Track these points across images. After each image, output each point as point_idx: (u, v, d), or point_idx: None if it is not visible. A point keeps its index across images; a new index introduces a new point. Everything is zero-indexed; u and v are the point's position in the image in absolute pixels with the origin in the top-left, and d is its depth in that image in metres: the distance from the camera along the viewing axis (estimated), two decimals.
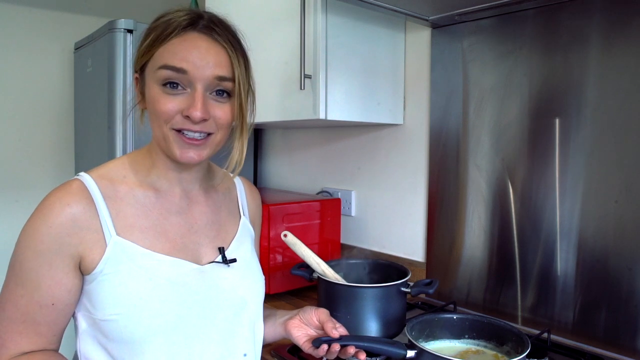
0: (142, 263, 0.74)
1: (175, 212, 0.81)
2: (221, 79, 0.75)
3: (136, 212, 0.77)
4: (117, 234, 0.74)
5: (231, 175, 0.86)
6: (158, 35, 0.74)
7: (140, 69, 0.78)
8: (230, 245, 0.87)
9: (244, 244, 0.90)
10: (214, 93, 0.75)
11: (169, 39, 0.73)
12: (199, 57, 0.73)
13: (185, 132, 0.74)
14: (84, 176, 0.76)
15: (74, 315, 0.78)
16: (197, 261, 0.81)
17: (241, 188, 0.97)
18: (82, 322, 0.76)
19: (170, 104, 0.73)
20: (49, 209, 0.72)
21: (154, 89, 0.74)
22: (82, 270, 0.74)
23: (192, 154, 0.75)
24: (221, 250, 0.84)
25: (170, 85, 0.73)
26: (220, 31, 0.76)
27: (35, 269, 0.71)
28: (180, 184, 0.83)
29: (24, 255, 0.72)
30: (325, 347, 0.85)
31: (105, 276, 0.73)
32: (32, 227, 0.72)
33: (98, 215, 0.73)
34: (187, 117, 0.73)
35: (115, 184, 0.77)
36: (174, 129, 0.74)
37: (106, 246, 0.73)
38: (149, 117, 0.78)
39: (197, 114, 0.72)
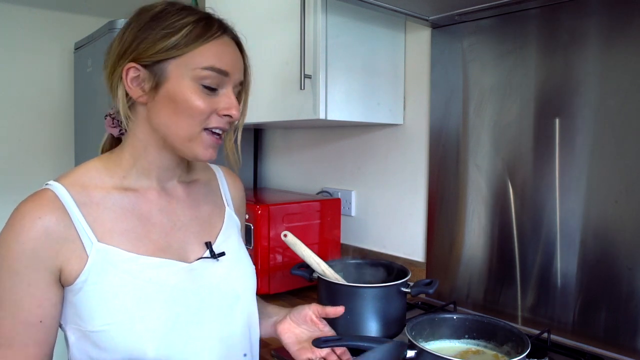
0: (127, 268, 0.72)
1: (156, 211, 0.80)
2: (241, 83, 0.80)
3: (114, 216, 0.75)
4: (99, 240, 0.72)
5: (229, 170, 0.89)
6: (198, 33, 0.73)
7: (154, 61, 0.73)
8: (217, 238, 0.85)
9: (231, 236, 0.88)
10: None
11: (211, 39, 0.74)
12: (234, 62, 0.77)
13: (216, 130, 0.77)
14: (54, 185, 0.73)
15: (62, 329, 0.75)
16: (184, 259, 0.79)
17: (222, 178, 0.95)
18: (71, 336, 0.73)
19: (207, 103, 0.74)
20: (19, 225, 0.68)
21: (190, 87, 0.73)
22: (62, 282, 0.72)
23: (212, 152, 0.77)
24: (208, 245, 0.83)
25: (209, 88, 0.74)
26: (239, 40, 0.81)
27: (13, 289, 0.68)
28: (160, 181, 0.81)
29: None
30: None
31: (90, 286, 0.70)
32: (3, 245, 0.68)
33: (74, 224, 0.71)
34: (226, 116, 0.76)
35: (88, 190, 0.74)
36: (206, 129, 0.75)
37: (87, 255, 0.71)
38: (169, 115, 0.74)
39: (237, 113, 0.77)
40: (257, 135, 2.19)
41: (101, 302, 0.70)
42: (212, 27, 0.75)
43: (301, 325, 0.91)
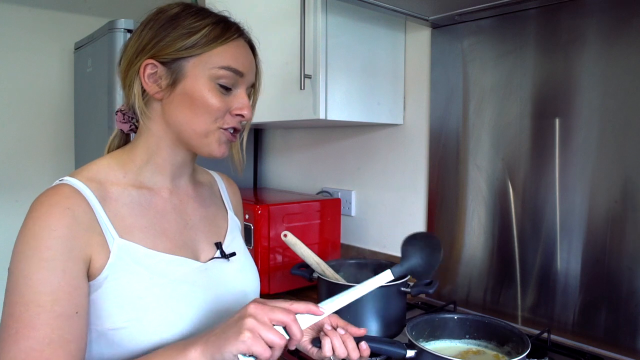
0: (148, 264, 0.73)
1: (170, 210, 0.81)
2: (252, 85, 0.83)
3: (133, 212, 0.75)
4: (120, 236, 0.72)
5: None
6: (217, 34, 0.76)
7: (173, 59, 0.74)
8: (225, 239, 0.87)
9: (236, 238, 0.90)
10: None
11: (229, 40, 0.77)
12: (249, 64, 0.80)
13: (230, 129, 0.79)
14: (72, 180, 0.72)
15: None
16: (197, 258, 0.81)
17: (221, 183, 0.97)
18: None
19: (222, 102, 0.76)
20: (47, 216, 0.66)
21: (207, 85, 0.75)
22: (88, 275, 0.69)
23: (225, 148, 0.80)
24: (218, 246, 0.85)
25: (225, 87, 0.77)
26: (253, 44, 0.84)
27: (48, 280, 0.64)
28: (172, 179, 0.82)
29: (29, 268, 0.64)
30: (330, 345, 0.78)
31: (111, 282, 0.69)
32: (30, 236, 0.65)
33: (97, 218, 0.70)
34: (238, 116, 0.78)
35: (105, 186, 0.74)
36: (221, 128, 0.77)
37: (109, 250, 0.70)
38: (185, 111, 0.75)
39: (249, 113, 0.79)
40: (257, 135, 2.19)
41: (122, 299, 0.69)
42: (230, 29, 0.78)
43: (317, 330, 0.85)
